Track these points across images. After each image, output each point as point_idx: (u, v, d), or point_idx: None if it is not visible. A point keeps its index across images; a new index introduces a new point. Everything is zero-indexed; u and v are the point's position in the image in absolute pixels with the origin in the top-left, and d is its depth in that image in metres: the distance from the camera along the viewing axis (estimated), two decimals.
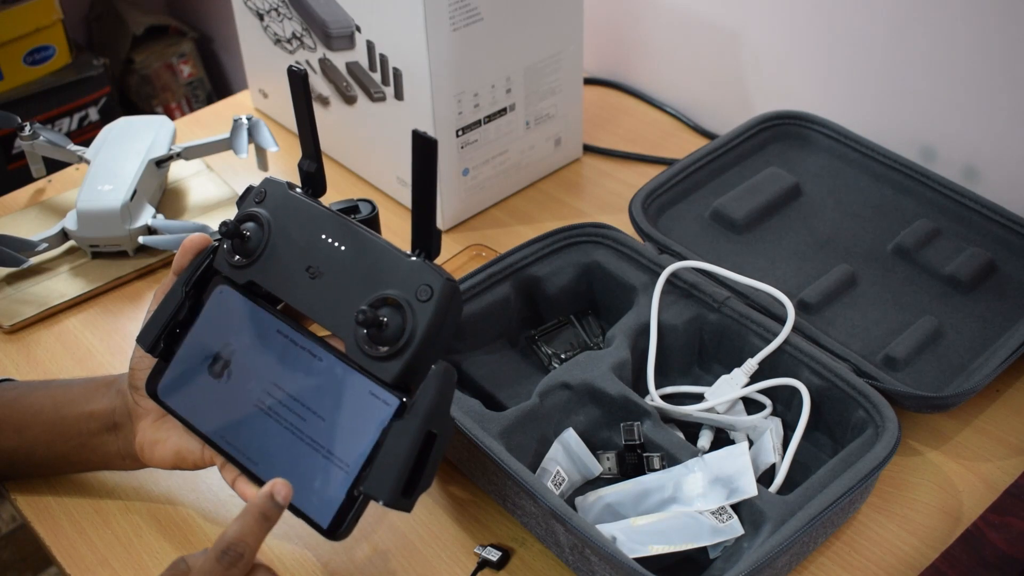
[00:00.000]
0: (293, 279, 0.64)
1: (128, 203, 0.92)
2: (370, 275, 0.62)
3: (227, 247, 0.67)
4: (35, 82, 1.83)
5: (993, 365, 0.77)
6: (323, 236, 0.64)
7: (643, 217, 0.89)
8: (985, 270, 0.86)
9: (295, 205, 0.66)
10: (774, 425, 0.74)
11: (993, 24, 0.88)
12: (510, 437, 0.71)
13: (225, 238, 0.66)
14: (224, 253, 0.67)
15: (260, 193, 0.68)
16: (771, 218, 0.92)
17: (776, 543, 0.63)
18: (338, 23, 0.94)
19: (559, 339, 0.83)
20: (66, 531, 0.73)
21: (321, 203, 0.67)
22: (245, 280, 0.66)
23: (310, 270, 0.64)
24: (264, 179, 0.68)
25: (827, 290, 0.84)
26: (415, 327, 0.60)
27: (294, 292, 0.64)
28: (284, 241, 0.66)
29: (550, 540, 0.68)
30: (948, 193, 0.91)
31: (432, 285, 0.60)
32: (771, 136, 1.00)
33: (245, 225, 0.67)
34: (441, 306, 0.60)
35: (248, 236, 0.66)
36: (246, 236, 0.66)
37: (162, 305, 0.68)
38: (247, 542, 0.55)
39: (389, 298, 0.61)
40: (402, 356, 0.60)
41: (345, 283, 0.63)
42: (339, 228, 0.64)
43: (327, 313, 0.63)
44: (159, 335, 0.67)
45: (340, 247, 0.64)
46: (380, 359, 0.60)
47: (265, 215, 0.67)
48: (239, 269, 0.66)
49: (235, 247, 0.67)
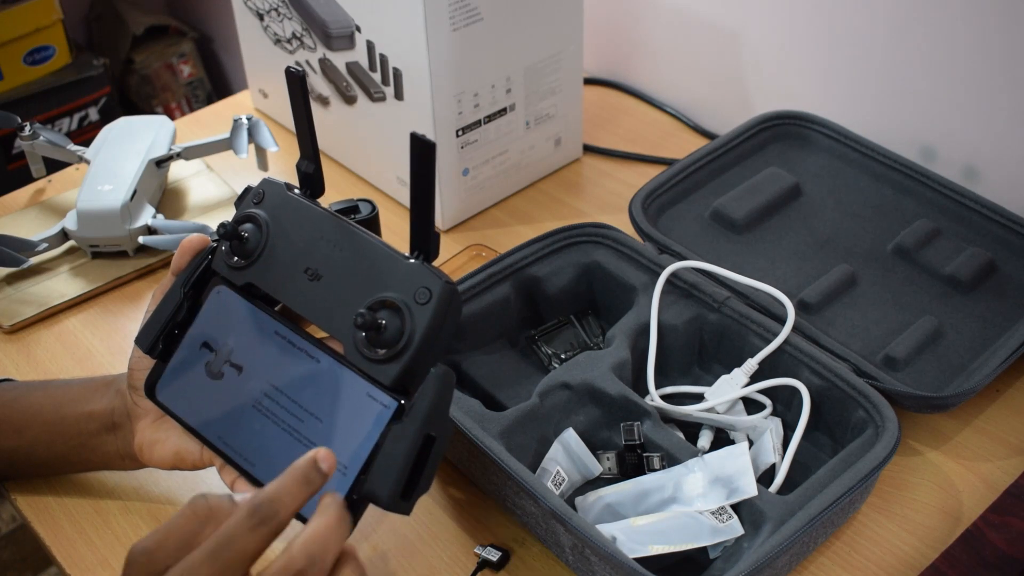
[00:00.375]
0: (291, 281, 0.64)
1: (128, 203, 0.92)
2: (369, 277, 0.62)
3: (225, 248, 0.67)
4: (35, 82, 1.83)
5: (993, 365, 0.77)
6: (321, 238, 0.64)
7: (643, 217, 0.89)
8: (985, 270, 0.86)
9: (293, 206, 0.66)
10: (774, 425, 0.74)
11: (993, 24, 0.88)
12: (510, 437, 0.71)
13: (223, 239, 0.66)
14: (223, 254, 0.67)
15: (258, 194, 0.67)
16: (771, 218, 0.92)
17: (776, 543, 0.63)
18: (338, 23, 0.94)
19: (559, 339, 0.83)
20: (66, 531, 0.73)
21: (320, 204, 0.67)
22: (243, 282, 0.66)
23: (308, 272, 0.64)
24: (262, 180, 0.68)
25: (827, 290, 0.84)
26: (413, 330, 0.59)
27: (292, 294, 0.64)
28: (282, 242, 0.65)
29: (550, 540, 0.68)
30: (948, 193, 0.91)
31: (431, 288, 0.60)
32: (771, 136, 1.00)
33: (243, 226, 0.66)
34: (440, 309, 0.60)
35: (246, 237, 0.66)
36: (244, 237, 0.66)
37: (160, 306, 0.67)
38: (284, 502, 0.49)
39: (388, 301, 0.60)
40: (400, 359, 0.60)
41: (343, 285, 0.63)
42: (338, 230, 0.64)
43: (325, 315, 0.63)
44: (158, 336, 0.67)
45: (339, 249, 0.64)
46: (379, 362, 0.60)
47: (263, 216, 0.66)
48: (237, 270, 0.66)
49: (233, 248, 0.66)
